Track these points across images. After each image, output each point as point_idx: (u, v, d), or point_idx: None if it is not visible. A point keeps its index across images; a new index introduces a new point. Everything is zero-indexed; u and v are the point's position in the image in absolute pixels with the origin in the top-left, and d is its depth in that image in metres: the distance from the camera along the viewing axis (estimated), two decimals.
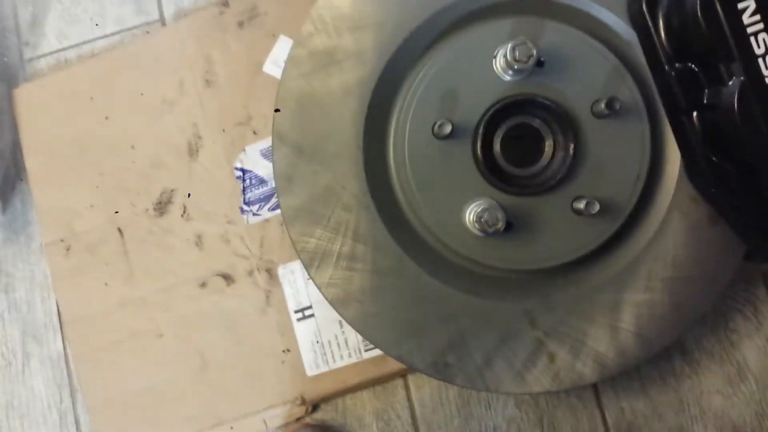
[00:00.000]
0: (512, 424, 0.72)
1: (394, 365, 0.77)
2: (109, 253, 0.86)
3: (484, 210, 0.57)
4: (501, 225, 0.57)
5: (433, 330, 0.63)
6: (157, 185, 0.86)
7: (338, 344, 0.79)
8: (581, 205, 0.58)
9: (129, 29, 0.91)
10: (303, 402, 0.79)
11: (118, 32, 0.91)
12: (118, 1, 0.92)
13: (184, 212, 0.85)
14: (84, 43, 0.91)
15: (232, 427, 0.80)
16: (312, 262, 0.65)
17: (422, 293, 0.63)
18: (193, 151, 0.86)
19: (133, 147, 0.87)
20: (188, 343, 0.83)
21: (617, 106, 0.57)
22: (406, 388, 0.77)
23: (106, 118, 0.88)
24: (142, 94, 0.87)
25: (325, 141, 0.65)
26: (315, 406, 0.80)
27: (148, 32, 0.91)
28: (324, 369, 0.79)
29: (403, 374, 0.77)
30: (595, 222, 0.59)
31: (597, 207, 0.57)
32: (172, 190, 0.86)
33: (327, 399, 0.79)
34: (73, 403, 0.85)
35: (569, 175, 0.59)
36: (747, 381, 0.69)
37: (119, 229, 0.86)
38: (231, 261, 0.83)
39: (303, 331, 0.80)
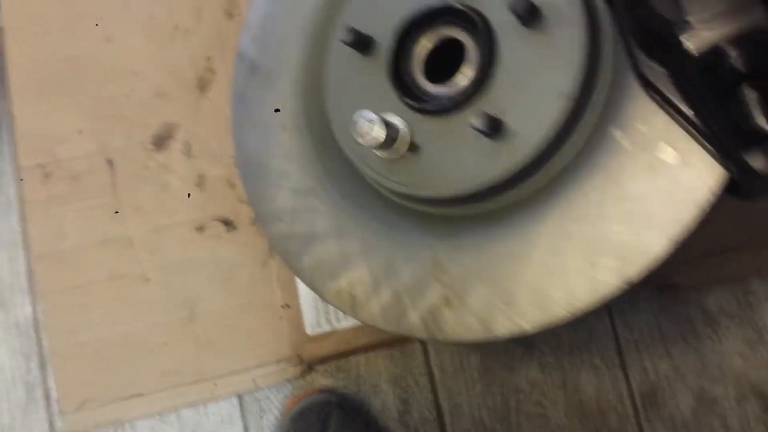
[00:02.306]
0: (535, 388, 0.70)
1: None
2: (95, 184, 0.78)
3: (358, 119, 0.50)
4: (378, 138, 0.50)
5: (341, 258, 0.58)
6: (158, 118, 0.79)
7: None
8: (486, 125, 0.48)
9: None
10: (300, 362, 0.73)
11: None
12: None
13: (187, 149, 0.78)
14: None
15: (216, 384, 0.74)
16: (246, 178, 0.64)
17: (337, 219, 0.59)
18: (203, 86, 0.80)
19: (135, 74, 0.80)
20: (176, 290, 0.76)
21: (534, 11, 0.48)
22: (425, 352, 0.73)
23: (109, 39, 0.81)
24: (152, 18, 0.81)
25: (274, 60, 0.63)
26: (311, 368, 0.74)
27: None
28: (326, 328, 0.73)
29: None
30: (507, 145, 0.49)
31: (507, 127, 0.48)
32: (174, 125, 0.79)
33: (327, 360, 0.74)
34: (43, 376, 0.76)
35: (480, 92, 0.50)
36: (765, 343, 0.70)
37: (109, 160, 0.78)
38: (234, 206, 0.77)
39: (306, 288, 0.75)
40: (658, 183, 0.45)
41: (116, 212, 0.77)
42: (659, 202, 0.45)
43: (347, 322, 0.73)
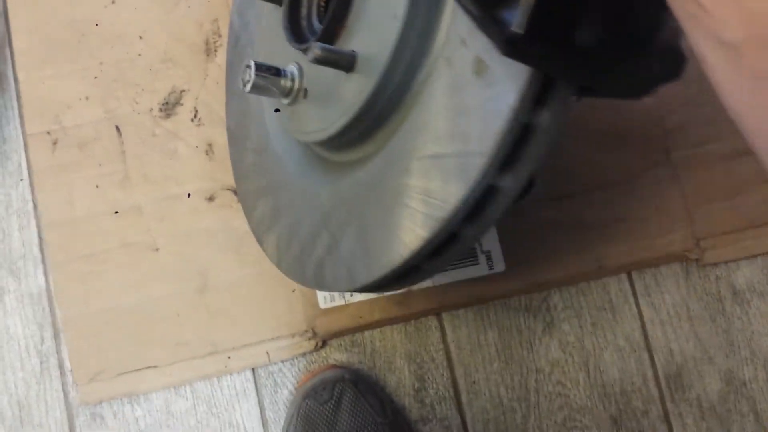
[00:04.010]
0: (556, 368, 0.67)
1: (420, 304, 0.71)
2: (103, 152, 0.76)
3: (243, 66, 0.50)
4: (248, 83, 0.48)
5: (272, 213, 0.59)
6: (166, 83, 0.76)
7: None
8: (326, 59, 0.45)
9: None
10: (314, 335, 0.72)
11: None
12: None
13: (195, 116, 0.76)
14: None
15: (229, 357, 0.72)
16: (229, 143, 0.68)
17: (275, 175, 0.59)
18: (210, 50, 0.77)
19: (141, 37, 0.77)
20: (187, 260, 0.74)
21: None
22: (441, 329, 0.70)
23: (113, 1, 0.78)
24: None
25: (248, 31, 0.64)
26: (325, 342, 0.72)
27: None
28: (339, 302, 0.71)
29: (434, 312, 0.71)
30: (355, 80, 0.46)
31: (360, 60, 0.45)
32: (182, 91, 0.76)
33: (340, 335, 0.72)
34: (57, 346, 0.74)
35: (335, 27, 0.47)
36: None
37: (117, 127, 0.76)
38: None
39: None
40: (465, 102, 0.39)
41: (125, 180, 0.75)
42: (467, 121, 0.39)
43: (360, 296, 0.71)
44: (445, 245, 0.40)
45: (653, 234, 0.71)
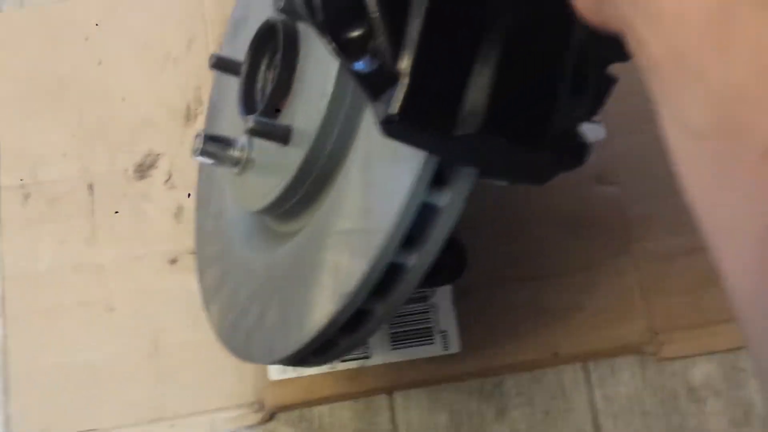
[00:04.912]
0: None
1: (372, 381, 0.69)
2: (73, 209, 0.77)
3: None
4: (196, 152, 0.50)
5: (216, 282, 0.61)
6: (143, 145, 0.79)
7: None
8: (260, 130, 0.46)
9: None
10: (261, 407, 0.70)
11: None
12: None
13: (168, 179, 0.77)
14: None
15: (173, 425, 0.71)
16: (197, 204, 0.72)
17: (224, 243, 0.61)
18: (190, 116, 0.79)
19: (123, 99, 0.80)
20: (142, 322, 0.73)
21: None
22: (392, 408, 0.69)
23: (100, 62, 0.81)
24: (144, 44, 0.80)
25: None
26: (272, 415, 0.71)
27: None
28: (291, 374, 0.70)
29: (385, 391, 0.69)
30: (291, 152, 0.46)
31: (284, 132, 0.45)
32: (158, 154, 0.78)
33: (289, 408, 0.70)
34: (6, 400, 0.73)
35: (277, 101, 0.49)
36: (752, 425, 0.65)
37: (90, 185, 0.78)
38: None
39: None
40: (375, 178, 0.39)
41: (91, 238, 0.76)
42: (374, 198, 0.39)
43: (312, 370, 0.70)
44: (358, 321, 0.40)
45: (610, 325, 0.70)
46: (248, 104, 0.52)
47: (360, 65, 0.29)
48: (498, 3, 0.29)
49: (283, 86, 0.47)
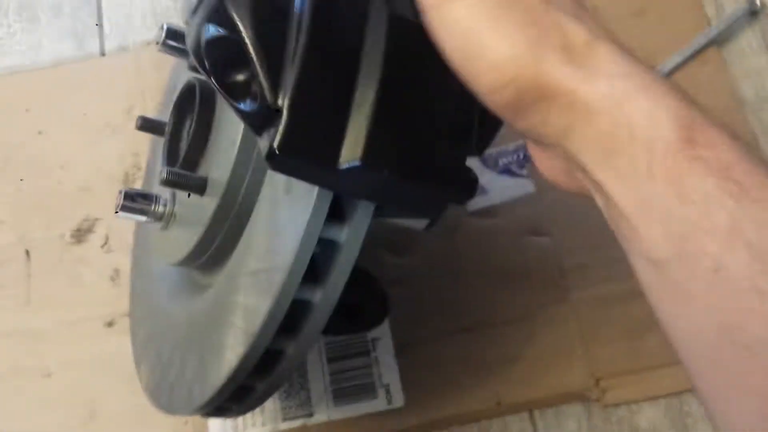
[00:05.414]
0: None
1: None
2: (9, 274, 0.77)
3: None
4: (117, 208, 0.52)
5: (144, 343, 0.62)
6: (81, 211, 0.79)
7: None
8: (173, 181, 0.47)
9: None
10: None
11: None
12: (57, 35, 0.88)
13: (105, 243, 0.77)
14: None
15: None
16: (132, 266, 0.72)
17: (153, 302, 0.61)
18: (129, 181, 0.80)
19: (62, 167, 0.81)
20: (78, 388, 0.72)
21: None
22: None
23: (40, 132, 0.82)
24: (85, 114, 0.82)
25: None
26: None
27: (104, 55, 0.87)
28: None
29: None
30: (206, 202, 0.47)
31: (200, 182, 0.46)
32: (95, 219, 0.79)
33: None
34: None
35: (194, 154, 0.49)
36: None
37: (27, 251, 0.77)
38: None
39: None
40: (278, 219, 0.40)
41: (27, 304, 0.75)
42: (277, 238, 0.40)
43: (254, 430, 0.69)
44: (271, 362, 0.40)
45: (552, 372, 0.70)
46: (171, 160, 0.53)
47: (245, 105, 0.31)
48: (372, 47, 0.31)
49: (200, 140, 0.49)
